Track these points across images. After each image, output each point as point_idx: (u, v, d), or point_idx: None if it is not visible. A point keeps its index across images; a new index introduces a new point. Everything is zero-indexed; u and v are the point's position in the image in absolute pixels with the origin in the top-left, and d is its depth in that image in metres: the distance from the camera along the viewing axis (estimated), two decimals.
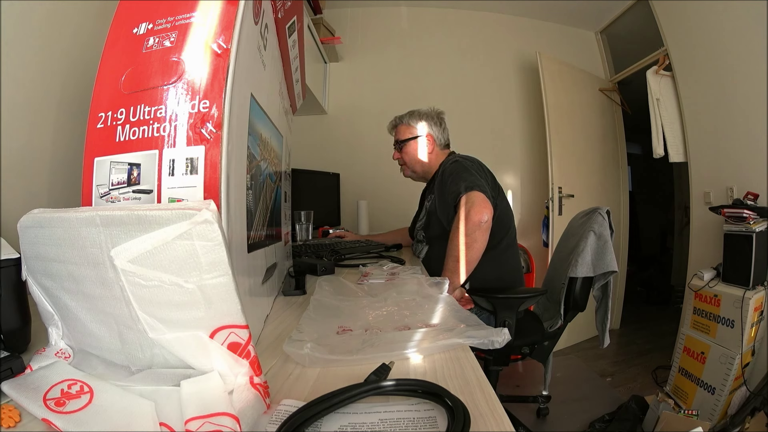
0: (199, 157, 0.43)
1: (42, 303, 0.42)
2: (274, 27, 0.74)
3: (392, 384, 0.38)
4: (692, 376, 1.83)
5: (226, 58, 0.44)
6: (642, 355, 2.52)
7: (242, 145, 0.52)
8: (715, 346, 1.75)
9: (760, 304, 1.68)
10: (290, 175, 1.12)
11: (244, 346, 0.36)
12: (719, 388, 1.69)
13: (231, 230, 0.45)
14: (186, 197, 0.42)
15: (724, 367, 1.69)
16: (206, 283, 0.33)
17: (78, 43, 0.88)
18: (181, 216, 0.32)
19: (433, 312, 0.63)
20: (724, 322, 1.73)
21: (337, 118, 2.73)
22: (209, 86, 0.43)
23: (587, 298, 1.34)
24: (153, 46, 0.46)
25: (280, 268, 0.91)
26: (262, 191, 0.68)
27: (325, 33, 2.43)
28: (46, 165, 0.84)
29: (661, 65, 2.32)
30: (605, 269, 1.26)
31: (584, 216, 1.41)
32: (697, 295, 1.87)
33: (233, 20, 0.45)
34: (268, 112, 0.72)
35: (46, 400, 0.34)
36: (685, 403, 1.81)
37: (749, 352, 1.67)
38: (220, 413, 0.31)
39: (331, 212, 2.31)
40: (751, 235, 1.68)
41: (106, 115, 0.45)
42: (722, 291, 1.77)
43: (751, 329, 1.66)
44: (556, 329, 1.34)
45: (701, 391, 1.77)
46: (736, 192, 1.93)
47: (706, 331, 1.81)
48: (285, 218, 1.03)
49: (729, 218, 1.77)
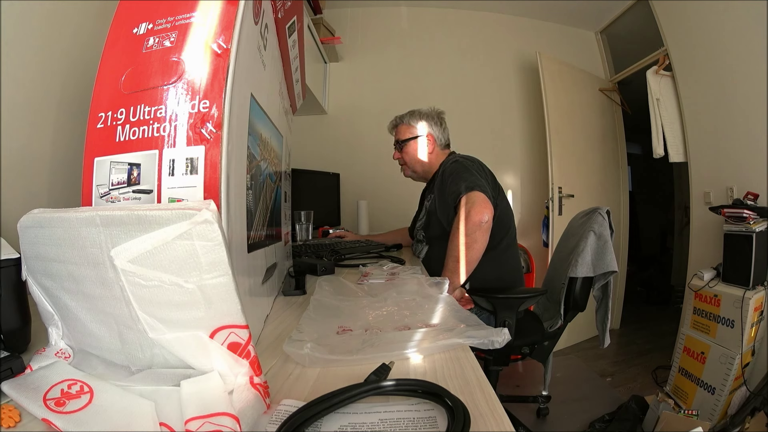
0: (199, 157, 0.43)
1: (42, 303, 0.42)
2: (274, 27, 0.74)
3: (392, 384, 0.38)
4: (692, 376, 1.83)
5: (226, 58, 0.44)
6: (642, 355, 2.52)
7: (242, 145, 0.52)
8: (715, 346, 1.75)
9: (760, 304, 1.68)
10: (290, 175, 1.12)
11: (244, 346, 0.36)
12: (719, 388, 1.69)
13: (231, 230, 0.45)
14: (186, 197, 0.42)
15: (724, 367, 1.69)
16: (206, 283, 0.33)
17: (78, 43, 0.88)
18: (181, 216, 0.32)
19: (433, 312, 0.63)
20: (724, 322, 1.73)
21: (337, 118, 2.73)
22: (209, 86, 0.43)
23: (587, 298, 1.34)
24: (153, 46, 0.46)
25: (280, 268, 0.91)
26: (262, 191, 0.68)
27: (325, 33, 2.43)
28: (46, 165, 0.84)
29: (661, 65, 2.32)
30: (605, 269, 1.26)
31: (584, 216, 1.41)
32: (697, 295, 1.87)
33: (233, 20, 0.45)
34: (268, 112, 0.72)
35: (46, 400, 0.34)
36: (685, 403, 1.81)
37: (749, 352, 1.67)
38: (220, 413, 0.31)
39: (331, 212, 2.31)
40: (751, 235, 1.68)
41: (106, 115, 0.45)
42: (722, 291, 1.77)
43: (751, 329, 1.66)
44: (556, 329, 1.34)
45: (701, 391, 1.77)
46: (736, 192, 1.93)
47: (706, 331, 1.81)
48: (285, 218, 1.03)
49: (729, 218, 1.77)
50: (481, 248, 1.18)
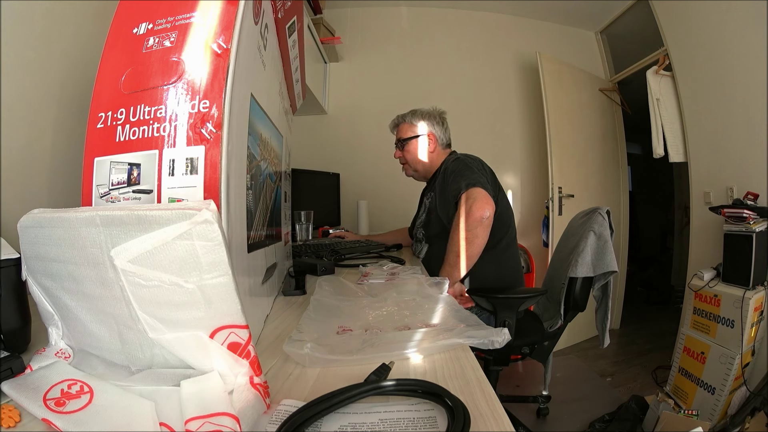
0: (199, 157, 0.42)
1: (42, 303, 0.42)
2: (274, 27, 0.74)
3: (392, 384, 0.38)
4: (692, 376, 1.83)
5: (226, 58, 0.44)
6: (642, 355, 2.52)
7: (242, 145, 0.52)
8: (715, 346, 1.75)
9: (760, 304, 1.68)
10: (290, 175, 1.12)
11: (244, 346, 0.36)
12: (719, 388, 1.69)
13: (231, 230, 0.45)
14: (186, 197, 0.42)
15: (724, 367, 1.69)
16: (206, 283, 0.33)
17: (78, 42, 0.88)
18: (181, 216, 0.32)
19: (433, 312, 0.63)
20: (724, 322, 1.73)
21: (337, 118, 2.73)
22: (209, 86, 0.43)
23: (587, 298, 1.34)
24: (153, 46, 0.46)
25: (280, 268, 0.91)
26: (262, 191, 0.68)
27: (325, 33, 2.43)
28: (46, 165, 0.84)
29: (661, 65, 2.32)
30: (605, 269, 1.26)
31: (584, 216, 1.41)
32: (697, 295, 1.87)
33: (233, 20, 0.45)
34: (268, 112, 0.72)
35: (46, 400, 0.34)
36: (685, 403, 1.81)
37: (749, 352, 1.67)
38: (220, 413, 0.31)
39: (331, 212, 2.31)
40: (751, 235, 1.68)
41: (106, 115, 0.45)
42: (722, 291, 1.76)
43: (751, 329, 1.66)
44: (556, 329, 1.34)
45: (701, 391, 1.77)
46: (736, 192, 1.93)
47: (706, 331, 1.81)
48: (285, 218, 1.03)
49: (729, 218, 1.77)
50: (481, 244, 1.19)
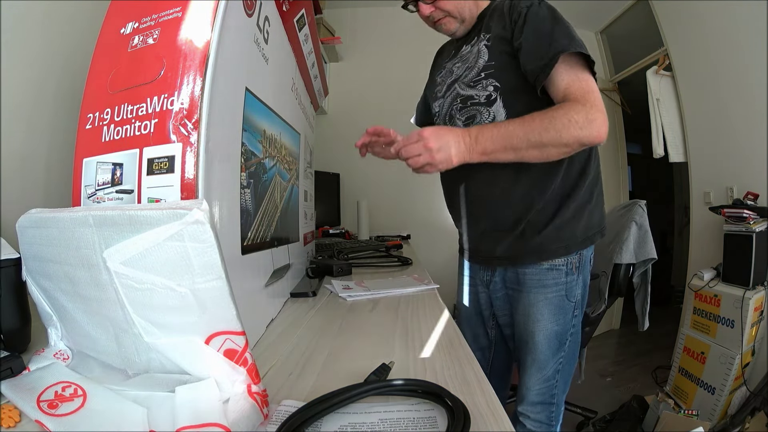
0: (176, 155, 0.41)
1: (41, 304, 0.42)
2: (279, 19, 0.72)
3: (392, 384, 0.38)
4: (692, 376, 1.83)
5: (206, 51, 0.43)
6: (642, 355, 2.52)
7: (232, 142, 0.51)
8: (715, 346, 1.75)
9: (760, 304, 1.68)
10: (312, 173, 1.07)
11: (240, 354, 0.34)
12: (719, 388, 1.69)
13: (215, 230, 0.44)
14: (164, 197, 0.41)
15: (724, 367, 1.69)
16: (199, 287, 0.32)
17: (74, 42, 0.88)
18: (172, 216, 0.31)
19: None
20: (724, 322, 1.73)
21: (337, 118, 2.72)
22: (188, 82, 0.42)
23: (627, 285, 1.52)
24: (137, 44, 0.45)
25: (296, 269, 0.89)
26: (268, 190, 0.66)
27: (325, 33, 2.42)
28: (42, 165, 0.83)
29: (661, 65, 2.32)
30: (646, 256, 1.42)
31: (622, 209, 1.57)
32: (697, 295, 1.87)
33: (215, 13, 0.44)
34: (275, 108, 0.70)
35: (40, 401, 0.34)
36: (685, 403, 1.81)
37: (749, 352, 1.67)
38: (211, 424, 0.30)
39: (331, 212, 2.30)
40: (751, 235, 1.67)
41: (94, 116, 0.44)
42: (722, 291, 1.76)
43: (751, 329, 1.66)
44: (599, 314, 1.47)
45: (701, 391, 1.76)
46: (736, 192, 1.93)
47: (706, 331, 1.81)
48: (306, 217, 0.99)
49: (729, 218, 1.77)
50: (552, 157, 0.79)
